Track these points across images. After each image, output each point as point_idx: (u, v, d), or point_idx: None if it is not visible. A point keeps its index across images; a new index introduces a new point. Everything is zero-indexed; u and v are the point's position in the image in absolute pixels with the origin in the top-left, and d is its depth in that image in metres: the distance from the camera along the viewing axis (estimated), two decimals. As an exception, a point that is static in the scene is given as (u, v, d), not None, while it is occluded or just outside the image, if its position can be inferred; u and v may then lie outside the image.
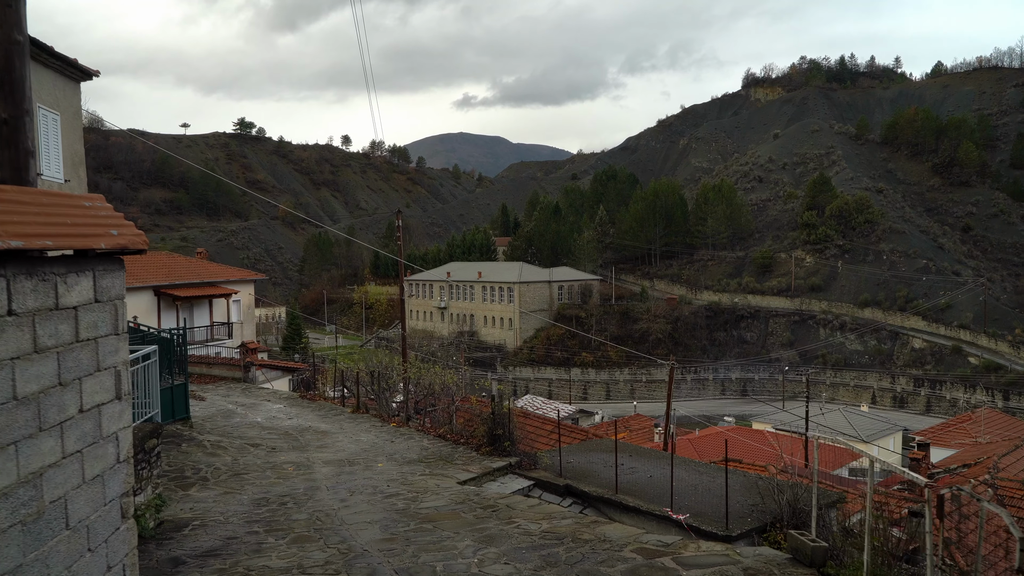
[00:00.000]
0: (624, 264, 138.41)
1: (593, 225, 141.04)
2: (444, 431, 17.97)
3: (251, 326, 45.09)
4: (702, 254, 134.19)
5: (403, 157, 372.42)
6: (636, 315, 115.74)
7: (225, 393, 26.11)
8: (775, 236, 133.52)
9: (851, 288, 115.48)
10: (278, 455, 15.96)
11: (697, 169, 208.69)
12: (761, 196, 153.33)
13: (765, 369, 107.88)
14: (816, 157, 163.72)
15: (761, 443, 49.20)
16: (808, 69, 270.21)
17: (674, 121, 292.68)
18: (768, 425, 70.60)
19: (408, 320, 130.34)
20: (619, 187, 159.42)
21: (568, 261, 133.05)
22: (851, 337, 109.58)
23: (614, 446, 15.94)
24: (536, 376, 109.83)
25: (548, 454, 16.17)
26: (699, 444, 49.87)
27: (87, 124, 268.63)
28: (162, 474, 13.29)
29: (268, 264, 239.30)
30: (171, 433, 16.48)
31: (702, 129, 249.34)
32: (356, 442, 17.67)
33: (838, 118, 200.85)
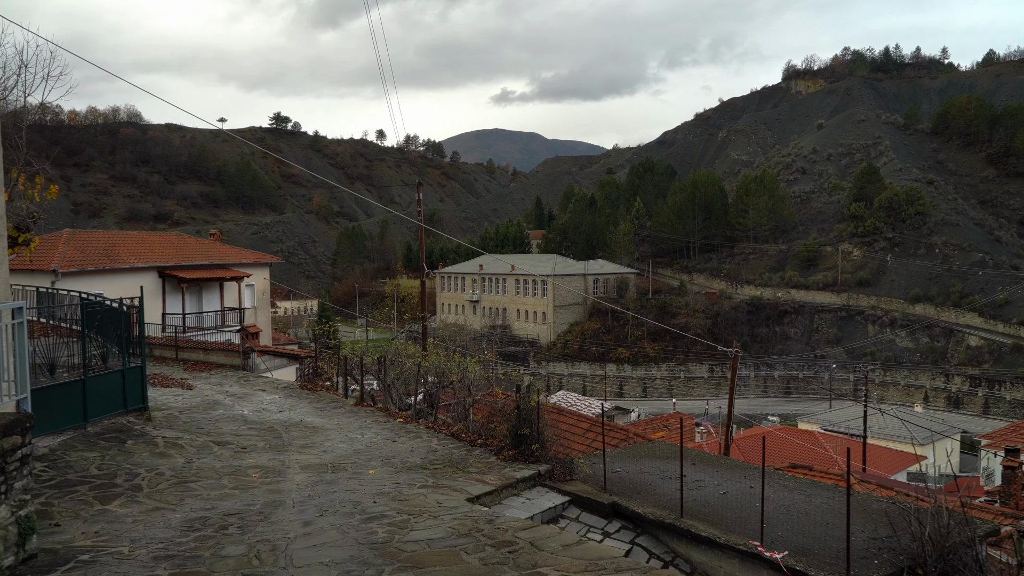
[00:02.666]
0: (661, 257, 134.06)
1: (629, 217, 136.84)
2: (458, 429, 14.59)
3: (265, 312, 42.17)
4: (743, 247, 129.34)
5: (438, 152, 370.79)
6: (674, 309, 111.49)
7: (218, 382, 23.03)
8: (820, 229, 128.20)
9: (901, 283, 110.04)
10: (246, 457, 12.70)
11: (736, 162, 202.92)
12: (804, 188, 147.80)
13: (810, 367, 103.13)
14: (862, 148, 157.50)
15: (813, 444, 45.25)
16: (851, 60, 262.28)
17: (712, 114, 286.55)
18: (815, 425, 66.36)
19: (439, 313, 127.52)
20: (656, 179, 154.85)
21: (604, 254, 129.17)
22: (901, 334, 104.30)
23: (673, 451, 12.46)
24: (570, 372, 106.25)
25: (587, 460, 12.70)
26: (744, 445, 45.92)
27: (126, 118, 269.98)
28: (67, 484, 10.08)
29: (301, 257, 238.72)
30: (117, 427, 13.30)
31: (741, 122, 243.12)
32: (350, 441, 14.36)
33: (884, 108, 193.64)
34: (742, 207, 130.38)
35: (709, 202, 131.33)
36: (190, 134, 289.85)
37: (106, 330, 13.81)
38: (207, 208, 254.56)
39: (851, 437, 53.15)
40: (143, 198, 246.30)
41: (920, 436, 61.31)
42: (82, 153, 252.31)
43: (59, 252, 32.06)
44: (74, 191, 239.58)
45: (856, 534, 8.99)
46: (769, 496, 10.42)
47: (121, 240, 37.34)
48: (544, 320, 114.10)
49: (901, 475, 48.50)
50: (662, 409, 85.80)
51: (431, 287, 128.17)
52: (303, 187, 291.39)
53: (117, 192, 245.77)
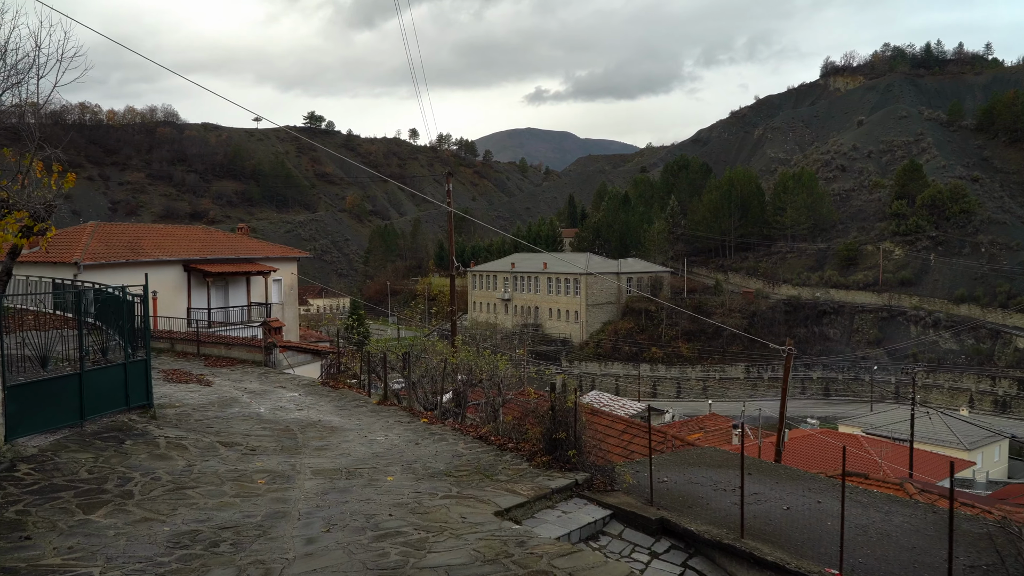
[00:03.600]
0: (696, 256, 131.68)
1: (664, 215, 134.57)
2: (487, 431, 13.35)
3: (293, 308, 41.33)
4: (780, 246, 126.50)
5: (470, 151, 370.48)
6: (710, 309, 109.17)
7: (238, 378, 22.05)
8: (860, 227, 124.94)
9: (945, 282, 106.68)
10: (254, 460, 11.58)
11: (773, 160, 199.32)
12: (844, 185, 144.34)
13: (849, 368, 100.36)
14: (904, 144, 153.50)
15: (856, 448, 43.37)
16: (892, 56, 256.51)
17: (748, 112, 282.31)
18: (857, 428, 64.18)
19: (471, 312, 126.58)
20: (691, 177, 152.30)
21: (637, 252, 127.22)
22: (945, 335, 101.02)
23: (725, 459, 11.11)
24: (603, 371, 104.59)
25: (629, 469, 11.40)
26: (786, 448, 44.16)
27: (163, 118, 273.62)
28: (51, 489, 9.01)
29: (334, 255, 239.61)
30: (116, 426, 12.27)
31: (778, 119, 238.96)
32: (369, 443, 13.20)
33: (926, 105, 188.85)
34: (779, 205, 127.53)
35: (746, 200, 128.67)
36: (226, 133, 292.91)
37: (107, 320, 12.81)
38: (242, 206, 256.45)
39: (895, 441, 51.09)
40: (179, 196, 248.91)
41: (966, 440, 58.90)
42: (120, 152, 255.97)
43: (82, 244, 31.43)
44: (112, 190, 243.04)
45: (938, 557, 7.59)
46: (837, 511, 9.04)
47: (146, 233, 36.71)
48: (576, 319, 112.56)
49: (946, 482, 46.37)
50: (697, 410, 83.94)
51: (462, 286, 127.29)
52: (336, 186, 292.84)
53: (154, 191, 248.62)
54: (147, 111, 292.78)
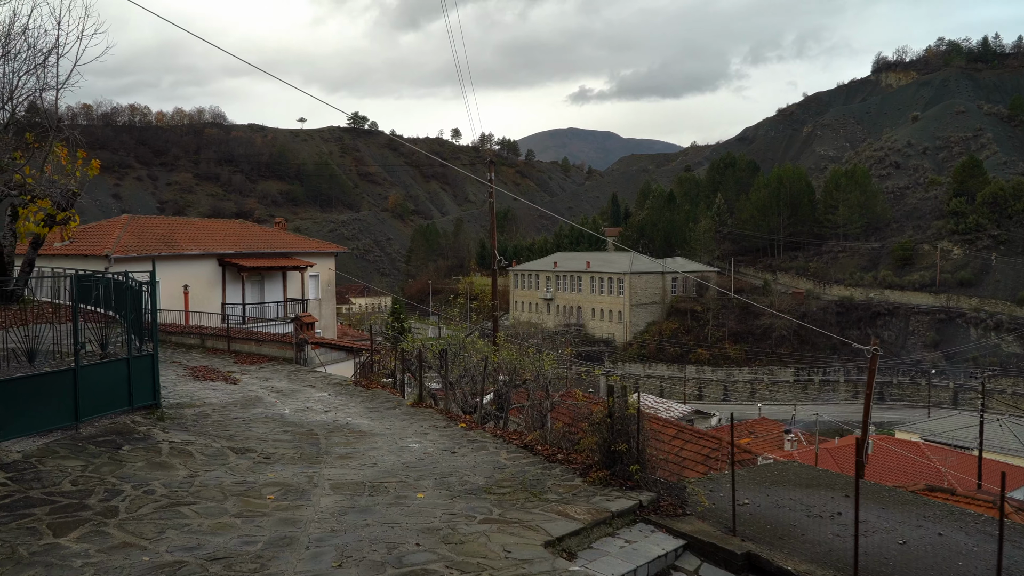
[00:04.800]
0: (744, 255, 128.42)
1: (710, 214, 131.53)
2: (533, 440, 11.72)
3: (330, 304, 40.16)
4: (832, 245, 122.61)
5: (513, 151, 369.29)
6: (758, 310, 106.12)
7: (266, 376, 20.76)
8: (916, 226, 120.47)
9: (1008, 283, 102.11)
10: (267, 470, 10.11)
11: (822, 157, 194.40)
12: (898, 183, 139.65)
13: (905, 372, 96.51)
14: (962, 140, 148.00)
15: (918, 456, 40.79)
16: (947, 51, 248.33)
17: (795, 110, 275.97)
18: (914, 435, 61.12)
19: (512, 311, 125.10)
20: (738, 175, 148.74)
21: (683, 252, 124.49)
22: (1008, 338, 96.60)
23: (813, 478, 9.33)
24: (647, 373, 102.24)
25: (700, 485, 9.67)
26: (842, 455, 41.73)
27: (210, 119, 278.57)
28: (24, 504, 7.61)
29: (377, 255, 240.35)
30: (116, 428, 10.90)
31: (827, 116, 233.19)
32: (399, 451, 11.67)
33: (984, 99, 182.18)
34: (831, 203, 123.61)
35: (795, 198, 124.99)
36: (271, 134, 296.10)
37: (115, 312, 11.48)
38: (286, 206, 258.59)
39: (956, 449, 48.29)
40: (225, 196, 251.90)
41: (1034, 450, 55.64)
42: (168, 153, 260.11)
43: (114, 237, 30.57)
44: (160, 189, 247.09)
45: None
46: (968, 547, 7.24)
47: (181, 226, 35.82)
48: (620, 319, 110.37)
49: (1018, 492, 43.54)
50: (744, 413, 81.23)
51: (504, 285, 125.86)
52: (379, 185, 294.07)
53: (201, 191, 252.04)
54: (195, 113, 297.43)
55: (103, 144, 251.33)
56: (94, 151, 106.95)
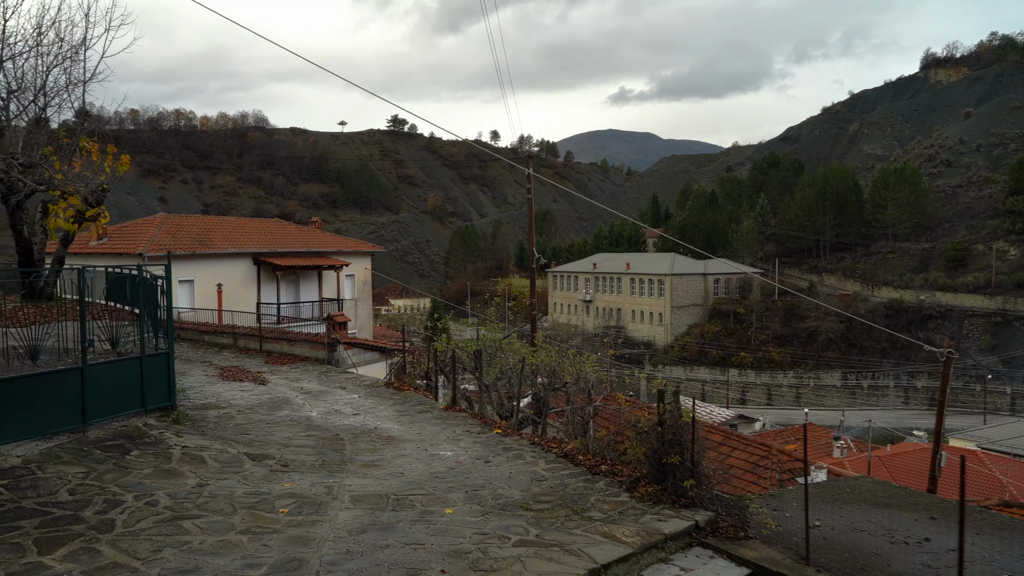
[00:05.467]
0: (788, 257, 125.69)
1: (753, 214, 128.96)
2: (574, 448, 10.75)
3: (366, 305, 39.56)
4: (880, 246, 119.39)
5: (551, 152, 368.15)
6: (803, 312, 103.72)
7: (297, 377, 20.08)
8: (969, 225, 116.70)
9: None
10: (283, 479, 9.29)
11: (869, 156, 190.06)
12: (950, 182, 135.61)
13: (959, 377, 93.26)
14: (1018, 137, 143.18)
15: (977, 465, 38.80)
16: (1000, 45, 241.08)
17: (841, 108, 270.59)
18: (971, 443, 58.67)
19: (551, 313, 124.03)
20: (782, 174, 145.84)
21: (725, 253, 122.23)
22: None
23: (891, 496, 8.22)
24: (688, 376, 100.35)
25: (763, 503, 8.61)
26: (895, 464, 39.91)
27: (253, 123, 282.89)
28: (14, 515, 6.85)
29: (416, 256, 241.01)
30: (127, 432, 10.17)
31: (874, 114, 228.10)
32: (429, 459, 10.78)
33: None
34: (879, 202, 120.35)
35: (842, 197, 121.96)
36: (312, 137, 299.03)
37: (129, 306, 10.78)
38: (327, 208, 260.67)
39: (1016, 458, 46.08)
40: (268, 199, 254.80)
41: (1099, 460, 53.06)
42: (212, 157, 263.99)
43: (148, 235, 30.27)
44: (204, 192, 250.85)
45: None
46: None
47: (216, 225, 35.49)
48: (660, 321, 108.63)
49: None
50: (789, 418, 79.24)
51: (542, 287, 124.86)
52: (418, 188, 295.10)
53: (244, 193, 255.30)
54: (238, 117, 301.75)
55: (149, 148, 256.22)
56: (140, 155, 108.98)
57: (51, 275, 20.12)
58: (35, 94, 19.21)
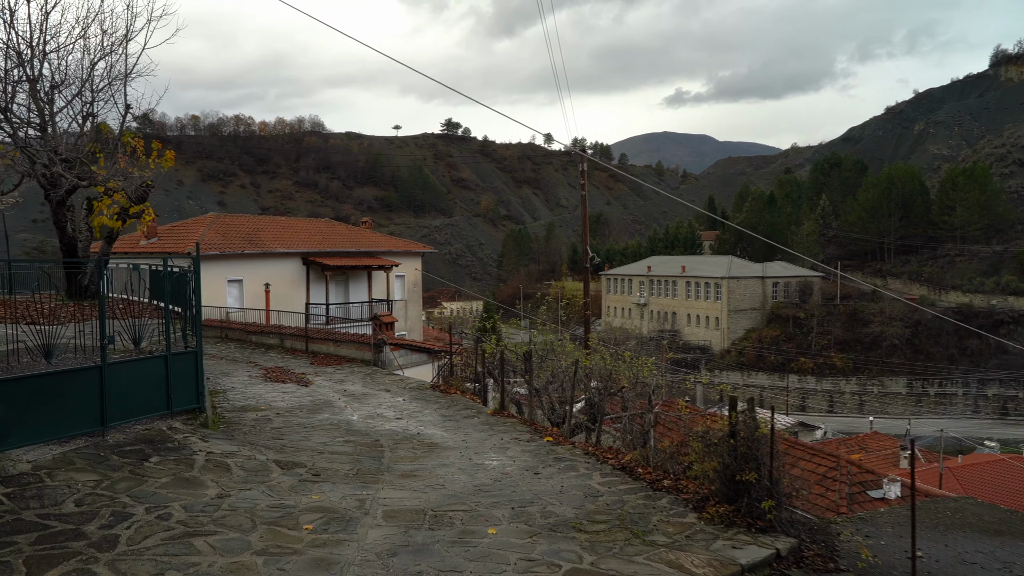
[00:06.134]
0: (851, 260, 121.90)
1: (814, 216, 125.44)
2: (632, 460, 9.71)
3: (416, 306, 38.97)
4: (948, 248, 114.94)
5: (605, 155, 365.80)
6: (866, 317, 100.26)
7: (341, 379, 19.41)
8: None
9: None
10: (312, 490, 8.46)
11: (936, 156, 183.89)
12: (1023, 182, 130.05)
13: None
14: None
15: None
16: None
17: (905, 107, 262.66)
18: (1047, 454, 55.53)
19: (604, 316, 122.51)
20: (844, 175, 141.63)
21: (784, 256, 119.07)
22: None
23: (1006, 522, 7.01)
24: (746, 381, 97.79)
25: (852, 527, 7.47)
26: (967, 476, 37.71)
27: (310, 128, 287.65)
28: (12, 529, 6.13)
29: (468, 259, 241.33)
30: (149, 436, 9.46)
31: (941, 113, 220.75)
32: (473, 469, 9.87)
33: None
34: (947, 203, 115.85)
35: (907, 199, 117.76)
36: (367, 141, 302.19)
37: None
38: (381, 212, 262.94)
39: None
40: (323, 202, 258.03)
41: None
42: (270, 161, 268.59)
43: (198, 235, 30.09)
44: (262, 196, 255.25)
45: None
46: None
47: (266, 225, 35.25)
48: (717, 325, 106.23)
49: None
50: (851, 426, 76.53)
51: (596, 290, 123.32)
52: (471, 191, 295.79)
53: (300, 197, 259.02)
54: (295, 122, 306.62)
55: (209, 153, 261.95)
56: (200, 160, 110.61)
57: (95, 272, 19.84)
58: (80, 88, 18.94)
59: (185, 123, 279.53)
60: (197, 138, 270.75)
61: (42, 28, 17.50)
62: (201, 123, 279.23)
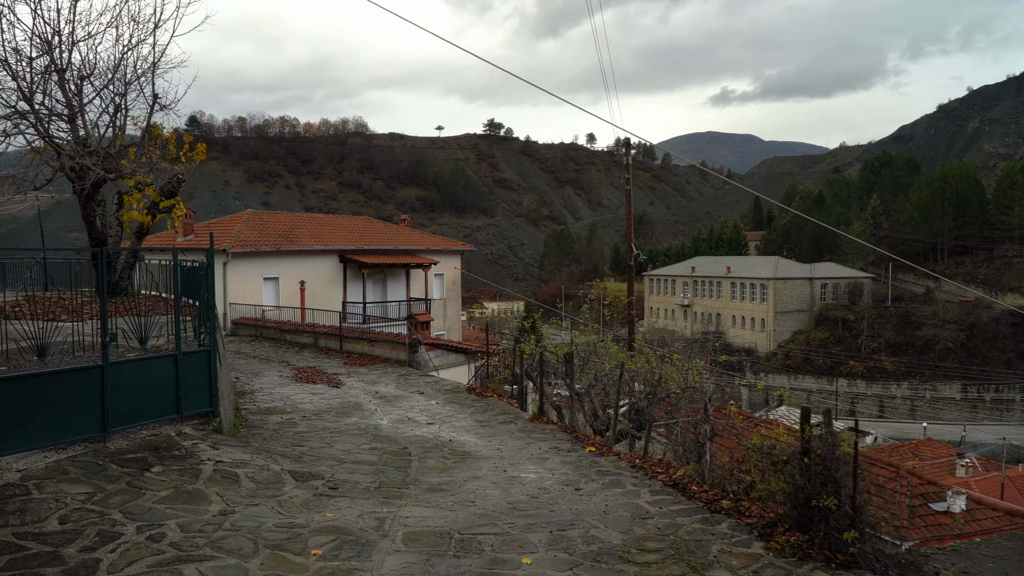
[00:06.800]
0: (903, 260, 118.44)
1: (864, 216, 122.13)
2: (685, 476, 8.67)
3: (455, 305, 38.16)
4: (1005, 249, 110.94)
5: (648, 155, 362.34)
6: (919, 320, 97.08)
7: (374, 380, 18.63)
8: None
9: None
10: (327, 506, 7.59)
11: (991, 155, 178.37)
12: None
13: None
14: None
15: None
16: None
17: (959, 105, 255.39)
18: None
19: (647, 318, 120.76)
20: (895, 174, 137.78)
21: (833, 257, 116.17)
22: None
23: None
24: (792, 385, 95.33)
25: (947, 561, 6.37)
26: (1031, 486, 35.73)
27: (353, 129, 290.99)
28: None
29: (510, 260, 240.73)
30: (155, 443, 8.67)
31: (997, 110, 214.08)
32: (507, 483, 8.93)
33: None
34: (1004, 203, 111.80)
35: (962, 198, 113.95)
36: (410, 142, 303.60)
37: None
38: (423, 212, 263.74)
39: None
40: (366, 203, 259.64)
41: None
42: (314, 162, 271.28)
43: (234, 232, 29.64)
44: (306, 197, 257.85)
45: None
46: None
47: (303, 222, 34.77)
48: (763, 327, 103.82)
49: None
50: (903, 432, 73.90)
51: (639, 291, 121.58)
52: (513, 191, 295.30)
53: (344, 198, 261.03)
54: (339, 123, 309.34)
55: (255, 154, 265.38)
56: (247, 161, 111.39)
57: (125, 268, 19.35)
58: (109, 78, 18.44)
59: (232, 125, 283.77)
60: (244, 140, 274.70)
61: (71, 13, 17.01)
62: (248, 125, 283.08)
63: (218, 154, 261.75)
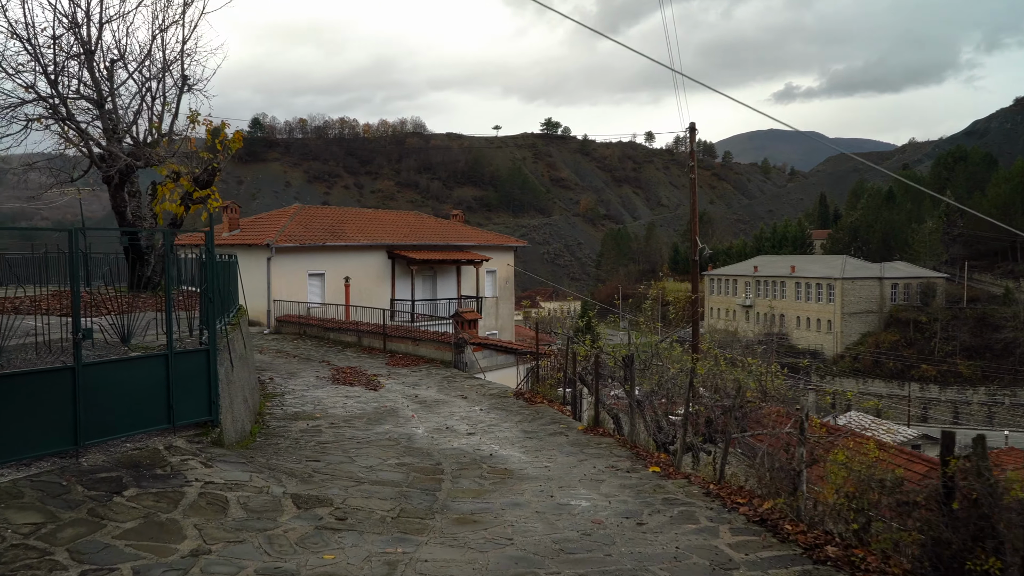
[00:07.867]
0: (979, 260, 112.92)
1: (937, 214, 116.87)
2: (774, 510, 6.98)
3: (508, 303, 36.65)
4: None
5: (709, 153, 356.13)
6: (998, 321, 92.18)
7: (415, 382, 17.25)
8: None
9: None
10: (329, 543, 6.13)
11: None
12: None
13: None
14: None
15: None
16: None
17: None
18: None
19: (707, 318, 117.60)
20: (971, 170, 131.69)
21: (904, 256, 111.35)
22: None
23: None
24: (861, 389, 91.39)
25: None
26: None
27: (411, 129, 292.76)
28: None
29: (567, 259, 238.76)
30: (136, 459, 7.32)
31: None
32: (555, 512, 7.38)
33: None
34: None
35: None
36: (467, 142, 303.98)
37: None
38: (480, 212, 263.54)
39: None
40: (424, 203, 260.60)
41: None
42: (373, 162, 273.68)
43: (279, 227, 28.69)
44: (365, 197, 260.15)
45: None
46: None
47: (351, 217, 33.71)
48: (829, 329, 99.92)
49: None
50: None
51: (699, 291, 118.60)
52: (571, 190, 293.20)
53: (401, 197, 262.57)
54: (398, 124, 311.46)
55: (315, 155, 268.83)
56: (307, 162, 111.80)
57: (158, 263, 18.39)
58: (141, 62, 17.48)
59: (293, 126, 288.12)
60: (304, 141, 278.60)
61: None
62: (308, 126, 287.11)
63: (279, 155, 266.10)
